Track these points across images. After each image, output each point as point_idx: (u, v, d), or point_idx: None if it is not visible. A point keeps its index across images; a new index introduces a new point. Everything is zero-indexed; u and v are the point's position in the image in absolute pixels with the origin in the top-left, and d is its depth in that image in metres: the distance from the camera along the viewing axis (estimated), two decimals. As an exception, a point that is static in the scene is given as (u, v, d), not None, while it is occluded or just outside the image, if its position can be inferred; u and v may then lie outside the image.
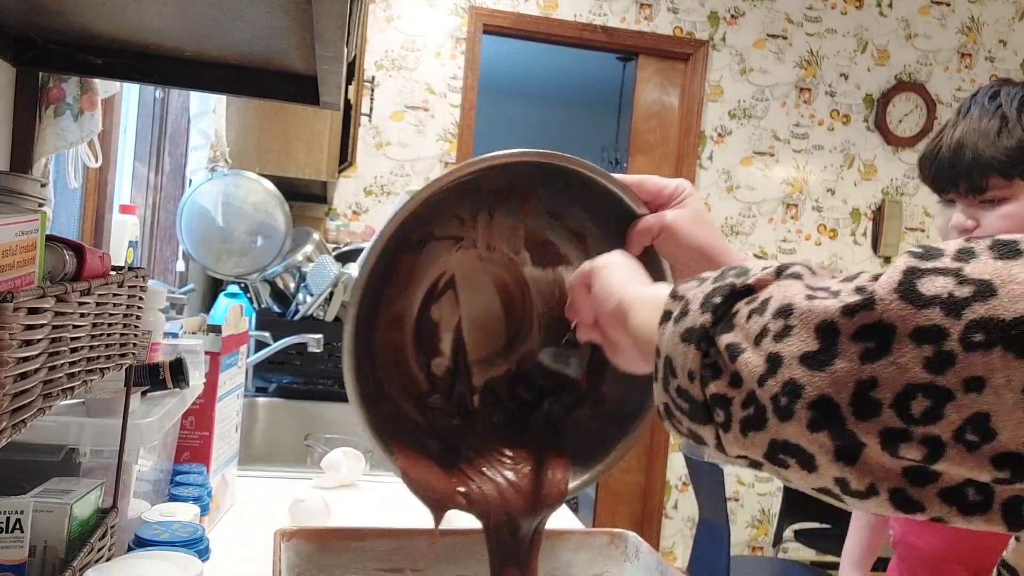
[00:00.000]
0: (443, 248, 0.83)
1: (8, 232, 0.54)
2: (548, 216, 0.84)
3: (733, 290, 0.44)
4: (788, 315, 0.39)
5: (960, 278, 0.35)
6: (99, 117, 1.17)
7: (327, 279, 2.27)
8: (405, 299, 0.82)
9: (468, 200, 0.81)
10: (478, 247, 0.84)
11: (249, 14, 0.85)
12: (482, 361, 0.85)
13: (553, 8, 3.98)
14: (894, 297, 0.36)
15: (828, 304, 0.38)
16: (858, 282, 0.39)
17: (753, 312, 0.42)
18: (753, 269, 0.45)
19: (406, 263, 0.81)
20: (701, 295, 0.45)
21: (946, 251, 0.37)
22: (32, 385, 0.57)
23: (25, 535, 0.67)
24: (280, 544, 0.80)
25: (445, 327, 0.84)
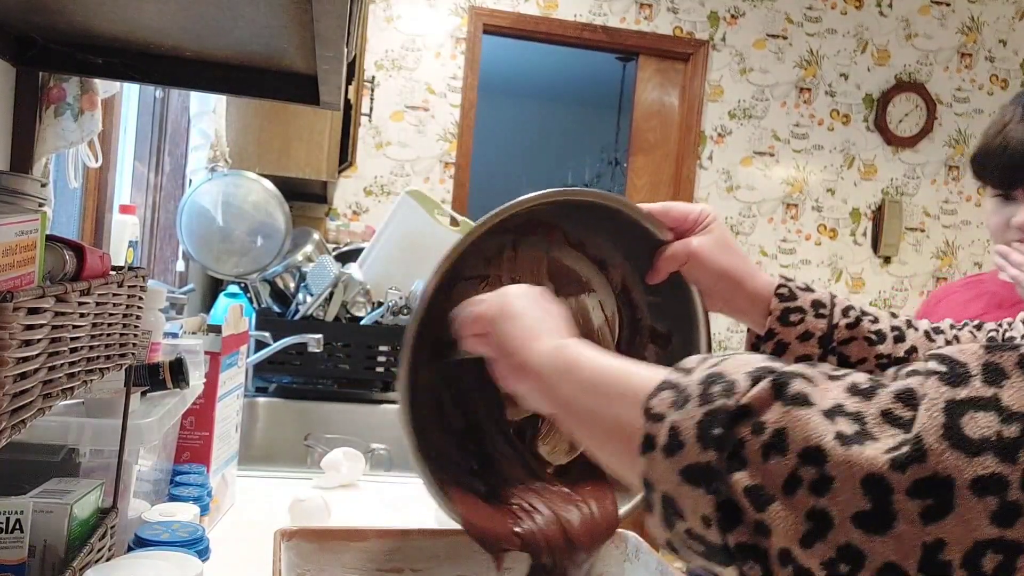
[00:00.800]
0: (470, 287, 0.83)
1: (8, 232, 0.54)
2: (570, 246, 0.85)
3: (728, 414, 0.39)
4: (821, 462, 0.36)
5: (1002, 412, 0.34)
6: (99, 117, 1.17)
7: (327, 279, 2.27)
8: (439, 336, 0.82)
9: (494, 238, 0.82)
10: (503, 282, 0.84)
11: (249, 14, 0.85)
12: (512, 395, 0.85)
13: (553, 8, 3.98)
14: (944, 445, 0.34)
15: (870, 454, 0.35)
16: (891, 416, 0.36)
17: (768, 448, 0.38)
18: (740, 381, 0.40)
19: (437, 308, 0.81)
20: (692, 422, 0.41)
21: (971, 368, 0.36)
22: (32, 385, 0.57)
23: (25, 535, 0.67)
24: (280, 544, 0.80)
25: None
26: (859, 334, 0.75)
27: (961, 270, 4.39)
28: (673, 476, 0.41)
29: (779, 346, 0.76)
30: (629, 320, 0.87)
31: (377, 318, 2.29)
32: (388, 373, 2.30)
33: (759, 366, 0.41)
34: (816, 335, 0.75)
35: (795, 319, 0.75)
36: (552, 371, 0.56)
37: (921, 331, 0.78)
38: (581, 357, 0.55)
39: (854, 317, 0.76)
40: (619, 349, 0.87)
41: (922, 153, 4.30)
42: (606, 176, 6.65)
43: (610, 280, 0.86)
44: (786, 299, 0.76)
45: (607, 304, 0.87)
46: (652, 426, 0.43)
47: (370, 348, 2.29)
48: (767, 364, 0.42)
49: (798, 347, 0.75)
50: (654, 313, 0.86)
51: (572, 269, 0.86)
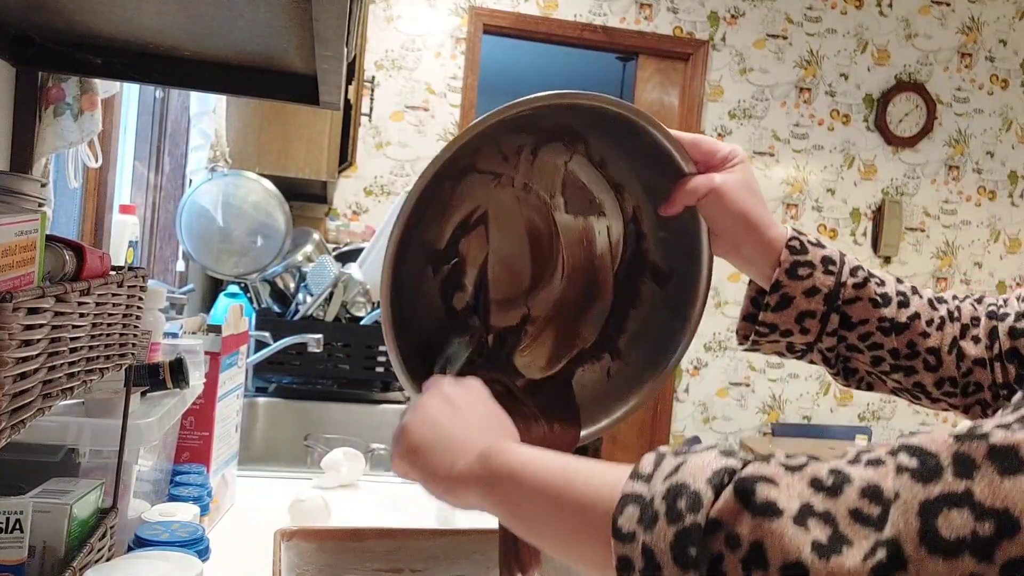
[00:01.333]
0: (482, 182, 0.81)
1: (8, 232, 0.54)
2: (591, 163, 0.82)
3: (699, 530, 0.39)
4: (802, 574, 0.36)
5: (976, 510, 0.34)
6: (99, 117, 1.17)
7: (327, 279, 2.27)
8: (438, 226, 0.80)
9: (518, 136, 0.79)
10: (515, 185, 0.82)
11: (249, 13, 0.85)
12: (502, 301, 0.84)
13: (553, 8, 3.98)
14: (923, 552, 0.34)
15: (851, 565, 0.35)
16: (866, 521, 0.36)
17: (748, 564, 0.37)
18: (703, 492, 0.40)
19: (445, 190, 0.79)
20: (664, 544, 0.40)
21: (942, 460, 0.36)
22: (32, 385, 0.57)
23: (25, 535, 0.67)
24: (280, 544, 0.80)
25: (471, 262, 0.82)
26: (865, 295, 0.74)
27: (961, 270, 4.39)
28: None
29: (784, 299, 0.74)
30: (633, 251, 0.85)
31: (377, 318, 2.29)
32: (388, 373, 2.30)
33: (717, 469, 0.41)
34: (823, 291, 0.74)
35: (804, 273, 0.74)
36: (484, 479, 0.54)
37: (925, 299, 0.77)
38: (516, 462, 0.52)
39: (862, 278, 0.75)
40: (616, 279, 0.85)
41: (922, 153, 4.30)
42: (606, 176, 6.64)
43: (623, 206, 0.84)
44: (797, 252, 0.75)
45: (614, 230, 0.85)
46: (625, 547, 0.42)
47: (370, 348, 2.29)
48: (724, 464, 0.41)
49: (803, 302, 0.74)
50: (659, 248, 0.83)
51: (587, 187, 0.84)
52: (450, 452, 0.58)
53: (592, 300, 0.86)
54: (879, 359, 0.76)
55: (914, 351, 0.75)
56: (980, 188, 4.37)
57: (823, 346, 0.76)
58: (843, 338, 0.76)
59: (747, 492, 0.39)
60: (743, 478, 0.39)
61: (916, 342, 0.75)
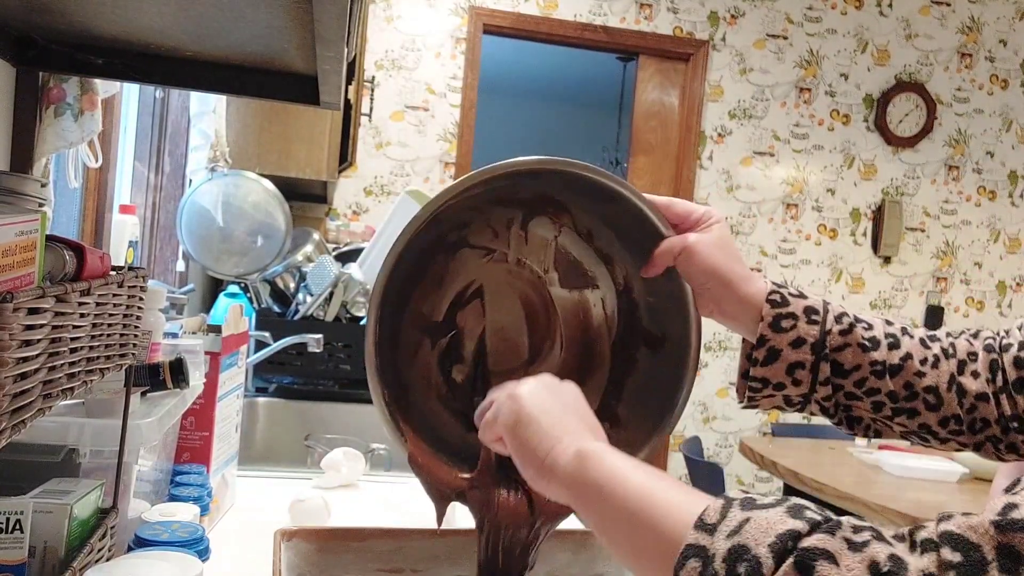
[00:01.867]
0: (475, 257, 0.83)
1: (8, 232, 0.54)
2: (579, 236, 0.84)
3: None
4: None
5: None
6: (99, 117, 1.17)
7: (327, 279, 2.27)
8: (434, 299, 0.83)
9: (503, 209, 0.82)
10: (508, 261, 0.84)
11: (249, 14, 0.85)
12: (502, 374, 0.85)
13: (553, 8, 3.98)
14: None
15: None
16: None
17: None
18: (763, 559, 0.41)
19: (439, 264, 0.82)
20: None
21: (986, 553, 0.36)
22: (32, 385, 0.57)
23: (25, 535, 0.67)
24: (280, 544, 0.80)
25: (469, 335, 0.84)
26: (853, 340, 0.75)
27: (961, 270, 4.39)
28: None
29: (771, 352, 0.75)
30: (626, 320, 0.87)
31: (377, 318, 2.29)
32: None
33: (780, 533, 0.41)
34: (808, 341, 0.74)
35: (787, 325, 0.75)
36: (577, 483, 0.56)
37: (916, 338, 0.77)
38: (605, 475, 0.54)
39: (847, 323, 0.75)
40: (613, 348, 0.87)
41: (922, 153, 4.30)
42: (606, 176, 6.64)
43: (614, 277, 0.86)
44: (778, 305, 0.75)
45: (608, 301, 0.87)
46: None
47: (370, 348, 2.28)
48: (788, 528, 0.41)
49: (790, 353, 0.75)
50: (650, 315, 0.85)
51: (578, 261, 0.86)
52: (551, 436, 0.60)
53: (591, 371, 0.87)
54: (879, 404, 0.76)
55: (912, 392, 0.75)
56: (980, 188, 4.37)
57: (818, 396, 0.76)
58: (839, 387, 0.76)
59: (807, 569, 0.39)
60: (805, 550, 0.40)
61: (912, 383, 0.75)
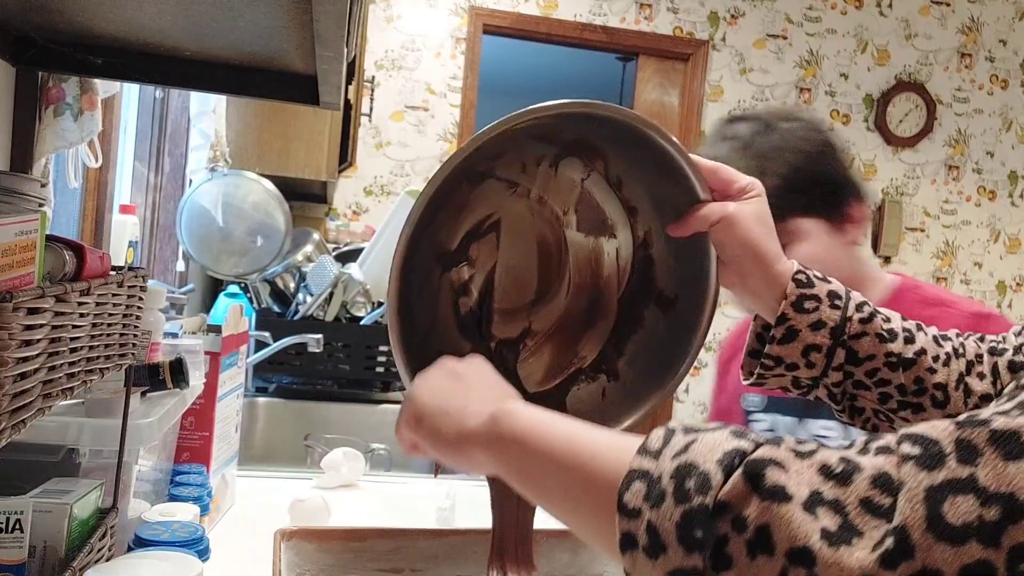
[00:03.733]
0: (498, 189, 0.81)
1: (8, 232, 0.54)
2: (607, 182, 0.82)
3: (707, 512, 0.39)
4: (811, 564, 0.36)
5: (981, 495, 0.34)
6: (99, 117, 1.17)
7: (327, 279, 2.27)
8: (451, 227, 0.81)
9: (540, 145, 0.79)
10: (530, 197, 0.82)
11: (249, 14, 0.85)
12: (506, 311, 0.84)
13: (553, 8, 3.98)
14: (930, 539, 0.35)
15: (859, 555, 0.35)
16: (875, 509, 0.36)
17: (753, 547, 0.37)
18: (713, 474, 0.40)
19: (463, 192, 0.80)
20: (670, 523, 0.40)
21: (944, 446, 0.36)
22: (32, 385, 0.57)
23: (25, 535, 0.67)
24: (280, 544, 0.80)
25: (480, 267, 0.82)
26: (871, 330, 0.75)
27: (961, 270, 4.39)
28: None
29: (789, 332, 0.75)
30: (641, 276, 0.85)
31: (377, 318, 2.29)
32: (388, 373, 2.30)
33: (728, 450, 0.40)
34: (828, 325, 0.74)
35: (810, 306, 0.74)
36: (495, 443, 0.54)
37: (930, 335, 0.77)
38: (523, 428, 0.53)
39: (868, 312, 0.75)
40: (620, 302, 0.85)
41: (922, 153, 4.30)
42: (606, 176, 6.64)
43: (634, 230, 0.84)
44: (804, 285, 0.75)
45: (623, 253, 0.85)
46: (630, 523, 0.42)
47: (370, 348, 2.28)
48: (735, 446, 0.41)
49: (808, 335, 0.74)
50: (667, 275, 0.83)
51: (600, 208, 0.84)
52: (458, 415, 0.58)
53: (594, 320, 0.86)
54: (886, 396, 0.76)
55: (921, 387, 0.75)
56: (980, 188, 4.37)
57: (829, 381, 0.76)
58: (850, 374, 0.76)
59: (757, 475, 0.39)
60: (753, 460, 0.39)
61: (923, 378, 0.75)
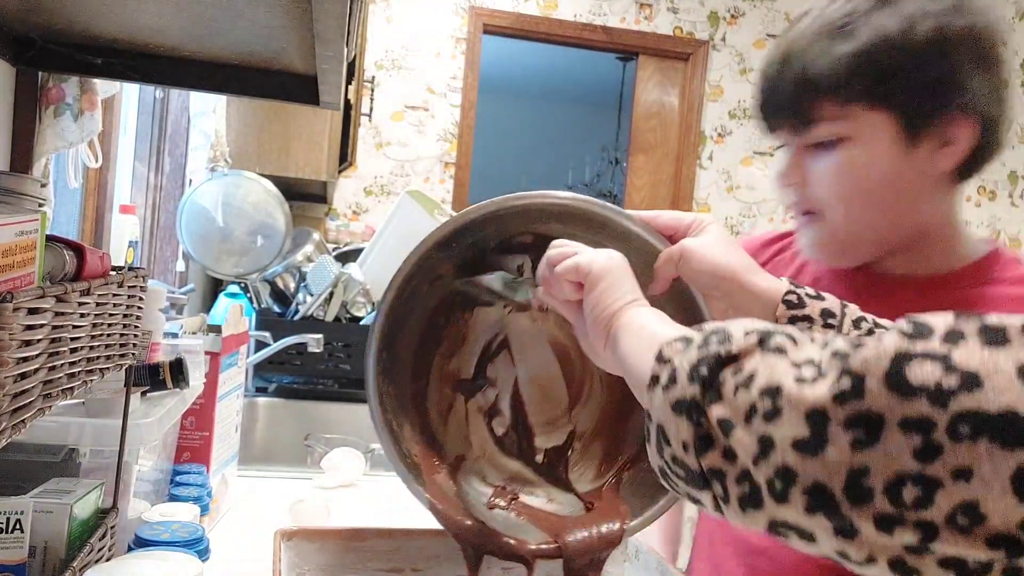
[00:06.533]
0: (494, 310, 0.83)
1: (8, 232, 0.54)
2: None
3: (718, 359, 0.45)
4: (776, 395, 0.41)
5: (948, 366, 0.36)
6: (99, 117, 1.17)
7: (327, 279, 2.27)
8: (460, 357, 0.83)
9: (510, 257, 0.81)
10: (529, 308, 0.83)
11: (249, 14, 0.85)
12: (544, 423, 0.85)
13: (553, 8, 3.98)
14: (882, 387, 0.37)
15: (817, 390, 0.39)
16: (846, 361, 0.39)
17: (739, 386, 0.43)
18: (735, 335, 0.46)
19: (460, 322, 0.82)
20: (687, 364, 0.46)
21: (936, 330, 0.38)
22: (32, 385, 0.57)
23: (25, 535, 0.67)
24: (280, 544, 0.80)
25: (503, 386, 0.84)
26: None
27: (961, 270, 4.39)
28: (666, 407, 0.46)
29: None
30: None
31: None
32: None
33: (759, 327, 0.46)
34: None
35: (802, 327, 0.73)
36: (619, 327, 0.61)
37: None
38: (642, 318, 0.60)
39: (866, 329, 0.73)
40: None
41: (922, 153, 4.30)
42: (606, 176, 6.65)
43: None
44: (794, 306, 0.74)
45: None
46: (658, 367, 0.49)
47: (370, 348, 2.28)
48: (766, 327, 0.46)
49: None
50: None
51: None
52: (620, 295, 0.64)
53: (634, 406, 0.85)
54: None
55: None
56: (980, 188, 4.37)
57: None
58: None
59: (767, 338, 0.44)
60: (771, 331, 0.45)
61: None
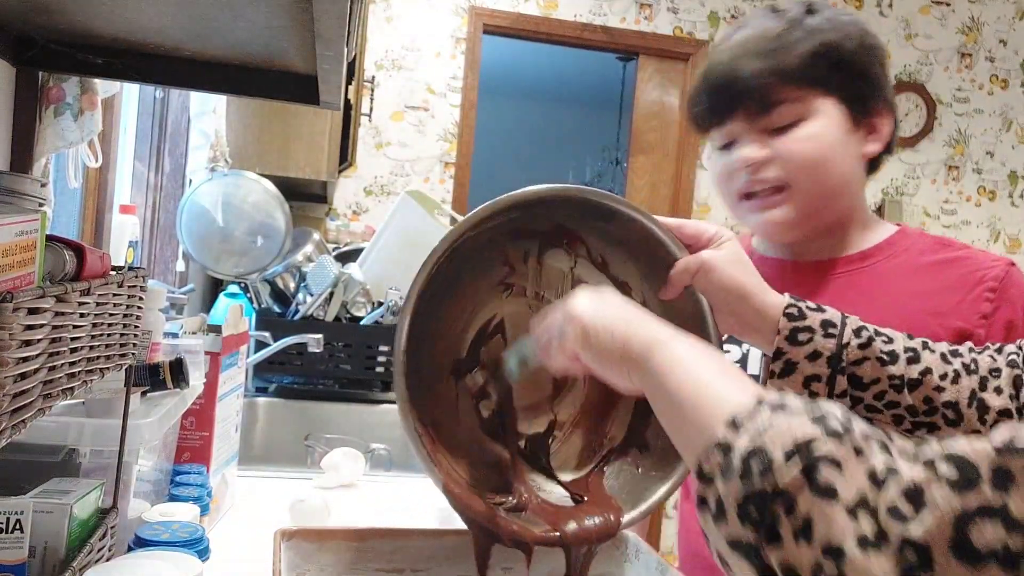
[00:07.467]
0: (495, 292, 0.84)
1: (8, 232, 0.54)
2: (594, 265, 0.85)
3: (765, 497, 0.43)
4: (840, 560, 0.40)
5: (1008, 522, 0.36)
6: (99, 117, 1.17)
7: (327, 279, 2.27)
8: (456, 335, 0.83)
9: (519, 242, 0.82)
10: (527, 295, 0.85)
11: (249, 14, 0.85)
12: (527, 408, 0.86)
13: (553, 8, 3.98)
14: (951, 558, 0.37)
15: (884, 564, 0.38)
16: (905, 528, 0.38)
17: (798, 534, 0.42)
18: (776, 460, 0.44)
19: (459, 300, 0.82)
20: (734, 500, 0.45)
21: (981, 471, 0.38)
22: (32, 385, 0.57)
23: (25, 535, 0.67)
24: (280, 544, 0.80)
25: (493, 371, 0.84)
26: (871, 354, 0.75)
27: (961, 270, 4.38)
28: (722, 541, 0.46)
29: (788, 365, 0.76)
30: None
31: (377, 318, 2.29)
32: (388, 373, 2.30)
33: (798, 439, 0.44)
34: (824, 355, 0.75)
35: (804, 338, 0.75)
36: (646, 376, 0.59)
37: (938, 352, 0.77)
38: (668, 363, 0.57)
39: (866, 337, 0.75)
40: None
41: (922, 153, 4.30)
42: (607, 176, 6.64)
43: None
44: (795, 318, 0.76)
45: None
46: (704, 488, 0.47)
47: (370, 348, 2.29)
48: (806, 434, 0.44)
49: (807, 366, 0.75)
50: None
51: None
52: (623, 336, 0.62)
53: (616, 399, 0.87)
54: (899, 417, 0.76)
55: (932, 407, 0.75)
56: (980, 188, 4.37)
57: None
58: (859, 399, 0.76)
59: (812, 470, 0.42)
60: (815, 457, 0.43)
61: (932, 397, 0.75)
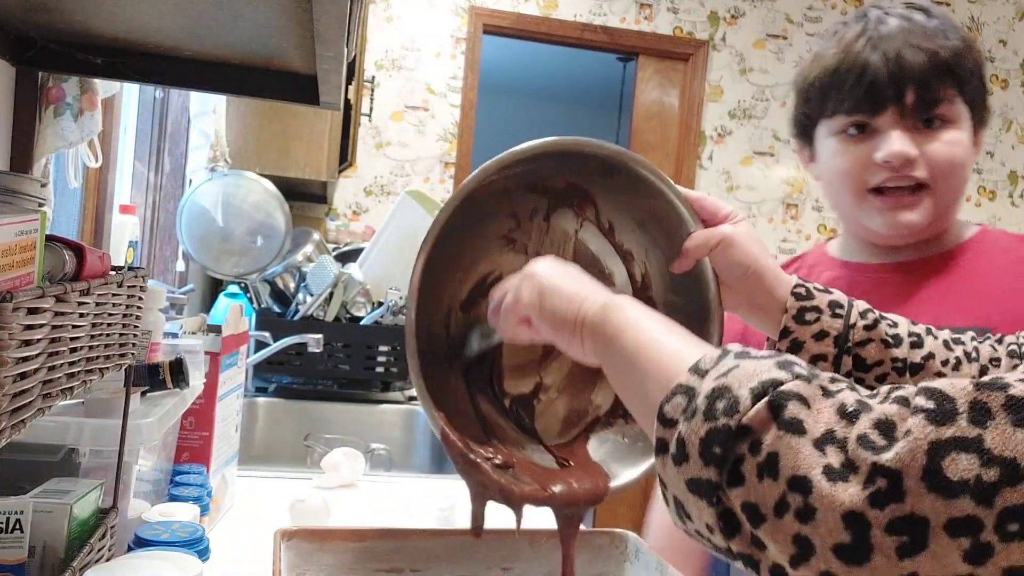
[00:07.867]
0: (497, 245, 0.84)
1: (8, 232, 0.54)
2: (600, 229, 0.85)
3: (729, 432, 0.42)
4: (807, 492, 0.38)
5: (984, 455, 0.35)
6: (99, 117, 1.17)
7: (327, 279, 2.27)
8: (456, 284, 0.83)
9: (532, 197, 0.82)
10: (528, 253, 0.84)
11: (249, 13, 0.85)
12: (515, 368, 0.85)
13: (553, 8, 3.98)
14: (923, 487, 0.36)
15: (851, 491, 0.37)
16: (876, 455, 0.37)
17: (762, 470, 0.40)
18: (742, 399, 0.42)
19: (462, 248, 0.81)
20: (696, 439, 0.43)
21: (959, 405, 0.37)
22: (32, 385, 0.57)
23: (25, 535, 0.67)
24: (280, 544, 0.80)
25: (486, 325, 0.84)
26: (876, 336, 0.75)
27: (961, 270, 4.38)
28: (680, 484, 0.44)
29: (794, 344, 0.76)
30: None
31: (377, 318, 2.29)
32: (388, 373, 2.30)
33: (764, 380, 0.42)
34: (831, 334, 0.75)
35: (811, 318, 0.76)
36: (599, 334, 0.59)
37: (940, 339, 0.77)
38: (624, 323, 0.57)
39: (872, 319, 0.76)
40: None
41: (922, 153, 4.30)
42: (606, 176, 6.64)
43: (632, 275, 0.85)
44: (803, 298, 0.76)
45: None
46: (664, 431, 0.46)
47: (370, 348, 2.28)
48: (773, 376, 0.43)
49: (813, 346, 0.75)
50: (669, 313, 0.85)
51: (596, 257, 0.85)
52: (577, 298, 0.62)
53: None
54: None
55: None
56: (980, 188, 4.37)
57: None
58: (861, 380, 0.76)
59: (779, 407, 0.41)
60: (781, 392, 0.41)
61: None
